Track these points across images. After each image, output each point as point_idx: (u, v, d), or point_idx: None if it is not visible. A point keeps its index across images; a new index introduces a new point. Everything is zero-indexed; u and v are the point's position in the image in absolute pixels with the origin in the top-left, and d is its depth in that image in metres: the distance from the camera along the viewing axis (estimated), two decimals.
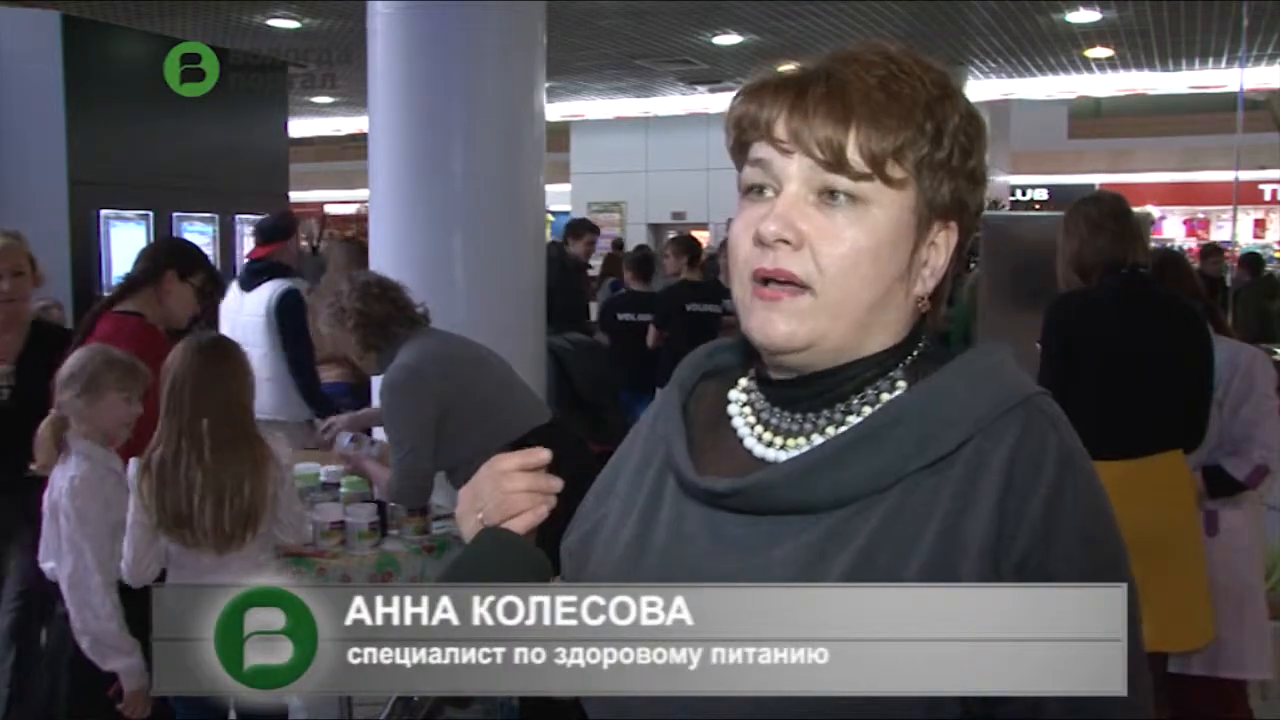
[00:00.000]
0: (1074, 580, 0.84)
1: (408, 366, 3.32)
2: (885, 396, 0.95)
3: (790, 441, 0.96)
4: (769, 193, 0.93)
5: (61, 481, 2.75)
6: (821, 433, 0.95)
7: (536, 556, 0.96)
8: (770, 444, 0.97)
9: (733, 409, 1.02)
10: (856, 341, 0.94)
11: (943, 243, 0.96)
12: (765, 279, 0.92)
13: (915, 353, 0.97)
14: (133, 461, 2.75)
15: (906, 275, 0.94)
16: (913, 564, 0.86)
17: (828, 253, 0.91)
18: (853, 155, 0.90)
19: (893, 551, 0.87)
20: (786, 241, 0.91)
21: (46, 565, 2.85)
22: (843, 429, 0.94)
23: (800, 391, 0.97)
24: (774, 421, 0.98)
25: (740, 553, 0.92)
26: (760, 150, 0.94)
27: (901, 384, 0.95)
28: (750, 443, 0.98)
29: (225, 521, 2.69)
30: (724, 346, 1.09)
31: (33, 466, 2.81)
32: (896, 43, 0.96)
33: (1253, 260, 10.85)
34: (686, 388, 1.07)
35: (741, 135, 0.96)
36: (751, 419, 1.00)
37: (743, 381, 1.03)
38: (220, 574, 2.67)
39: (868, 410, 0.94)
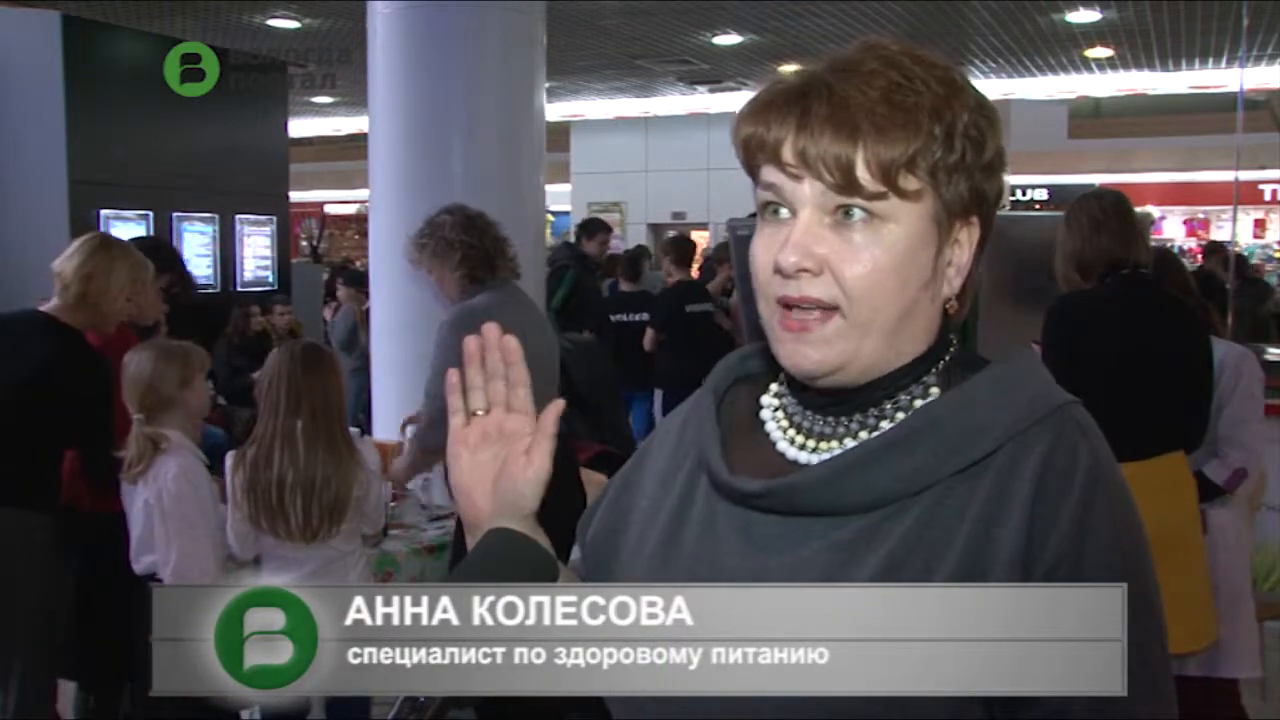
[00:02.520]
0: None
1: (472, 308, 3.27)
2: (918, 403, 0.95)
3: (823, 445, 0.96)
4: (784, 213, 0.93)
5: (162, 479, 2.83)
6: (854, 437, 0.95)
7: (544, 556, 0.96)
8: (803, 447, 0.97)
9: (765, 413, 1.03)
10: (888, 356, 0.94)
11: (965, 239, 0.96)
12: (791, 305, 0.92)
13: (947, 358, 0.97)
14: (229, 456, 2.92)
15: (932, 280, 0.94)
16: (942, 569, 0.87)
17: (849, 274, 0.90)
18: (863, 174, 0.89)
19: (923, 555, 0.87)
20: (807, 270, 0.91)
21: (145, 560, 2.89)
22: (876, 434, 0.94)
23: (832, 397, 0.97)
24: (806, 425, 0.98)
25: (770, 552, 0.93)
26: (770, 174, 0.93)
27: (934, 390, 0.95)
28: (783, 446, 0.99)
29: (313, 515, 2.86)
30: (755, 351, 1.08)
31: (127, 470, 2.86)
32: (896, 40, 0.95)
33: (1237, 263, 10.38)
34: (719, 392, 1.07)
35: (750, 158, 0.95)
36: (784, 423, 1.00)
37: (774, 386, 1.04)
38: (307, 563, 2.89)
39: (900, 416, 0.94)
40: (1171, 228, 18.15)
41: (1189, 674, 3.15)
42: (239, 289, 8.86)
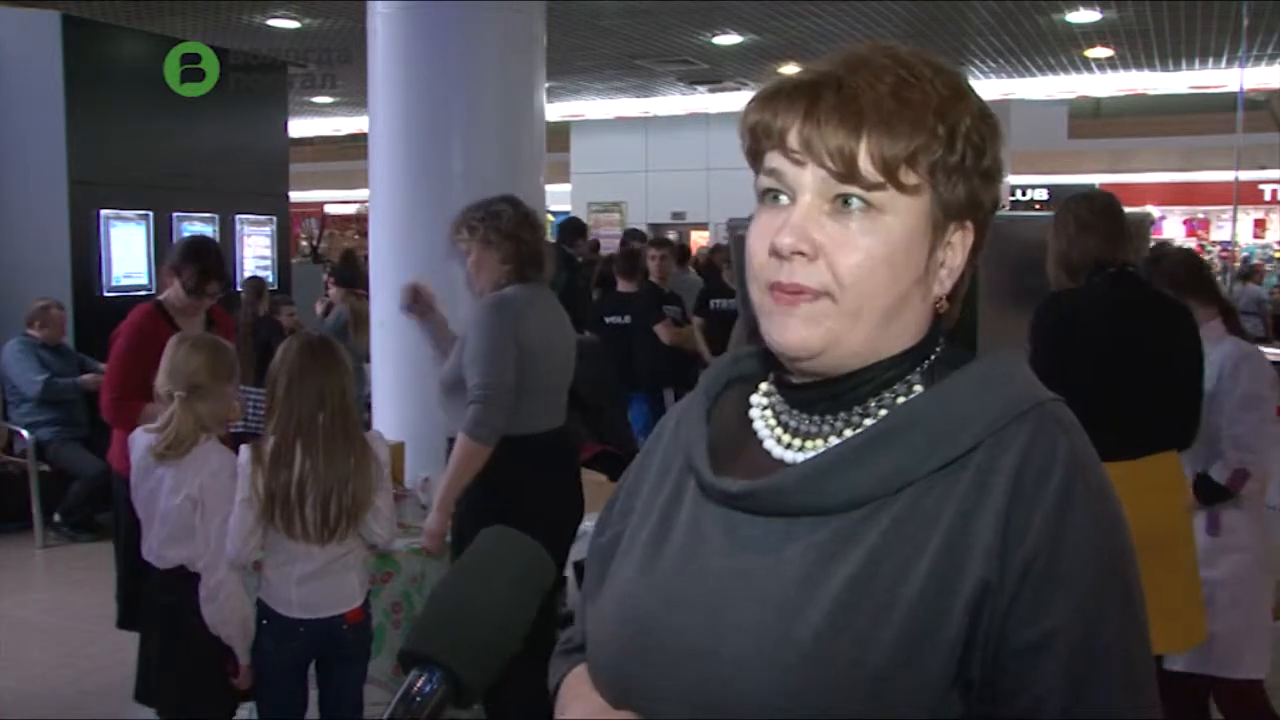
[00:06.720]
0: (1080, 584, 0.85)
1: (509, 297, 3.26)
2: (900, 400, 0.95)
3: (809, 443, 0.97)
4: (784, 199, 0.94)
5: (205, 472, 2.81)
6: (839, 435, 0.95)
7: (539, 555, 0.96)
8: (789, 445, 0.98)
9: (754, 413, 1.03)
10: (874, 345, 0.94)
11: (959, 242, 0.97)
12: (783, 290, 0.93)
13: (933, 356, 0.98)
14: (243, 448, 2.85)
15: (924, 277, 0.95)
16: (920, 566, 0.87)
17: (843, 262, 0.91)
18: (864, 164, 0.90)
19: (902, 552, 0.88)
20: (802, 253, 0.91)
21: (174, 554, 2.86)
22: (858, 431, 0.94)
23: (818, 394, 0.97)
24: (793, 424, 0.99)
25: (753, 552, 0.93)
26: (774, 159, 0.94)
27: (918, 388, 0.96)
28: (770, 445, 0.99)
29: (330, 517, 2.81)
30: (748, 354, 1.09)
31: (165, 449, 2.83)
32: (905, 44, 0.96)
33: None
34: (712, 394, 1.08)
35: (755, 144, 0.96)
36: (772, 422, 1.01)
37: (764, 386, 1.04)
38: (310, 561, 2.82)
39: (883, 414, 0.94)
40: (1171, 228, 18.17)
41: (1176, 669, 3.15)
42: (239, 289, 8.86)
